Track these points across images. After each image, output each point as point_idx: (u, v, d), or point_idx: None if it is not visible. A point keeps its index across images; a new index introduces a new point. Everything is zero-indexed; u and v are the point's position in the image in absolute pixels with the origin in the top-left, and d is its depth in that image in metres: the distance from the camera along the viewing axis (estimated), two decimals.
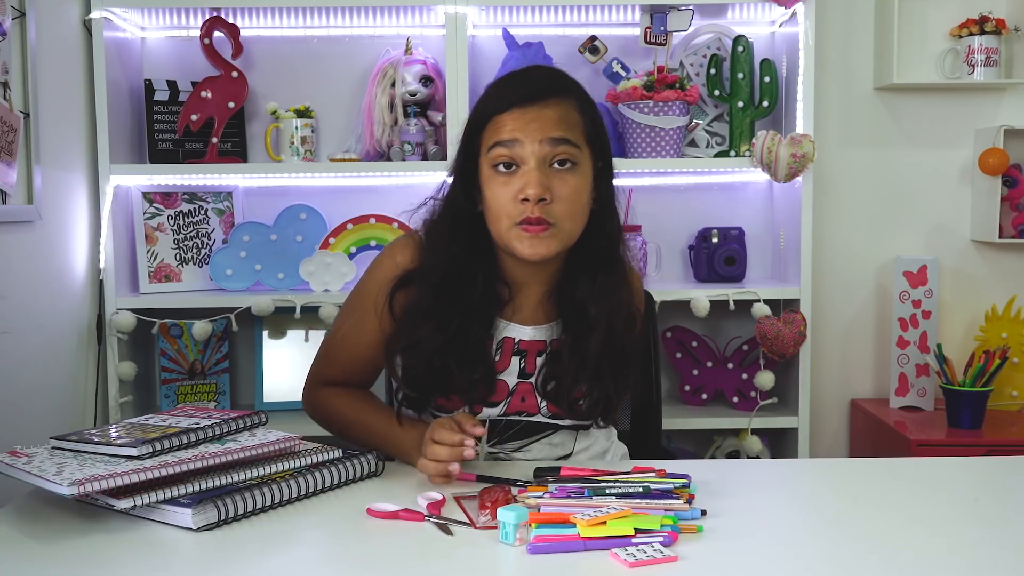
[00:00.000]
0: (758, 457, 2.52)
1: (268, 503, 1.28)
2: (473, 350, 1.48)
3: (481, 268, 1.49)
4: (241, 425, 1.38)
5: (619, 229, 1.53)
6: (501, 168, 1.42)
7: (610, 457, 1.64)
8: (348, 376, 1.61)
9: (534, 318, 1.54)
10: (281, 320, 2.61)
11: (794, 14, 2.51)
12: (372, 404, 1.59)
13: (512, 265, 1.50)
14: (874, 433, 2.60)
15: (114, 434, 1.33)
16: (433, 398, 1.52)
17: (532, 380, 1.53)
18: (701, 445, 2.73)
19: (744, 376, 2.64)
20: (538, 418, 1.54)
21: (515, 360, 1.53)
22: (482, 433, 1.41)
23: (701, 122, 2.65)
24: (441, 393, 1.51)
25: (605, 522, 1.14)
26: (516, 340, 1.53)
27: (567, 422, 1.55)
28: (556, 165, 1.42)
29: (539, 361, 1.53)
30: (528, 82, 1.47)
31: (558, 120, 1.42)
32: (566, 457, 1.56)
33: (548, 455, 1.56)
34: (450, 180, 1.53)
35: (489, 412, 1.53)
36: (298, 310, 2.45)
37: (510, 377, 1.53)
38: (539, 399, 1.53)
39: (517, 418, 1.54)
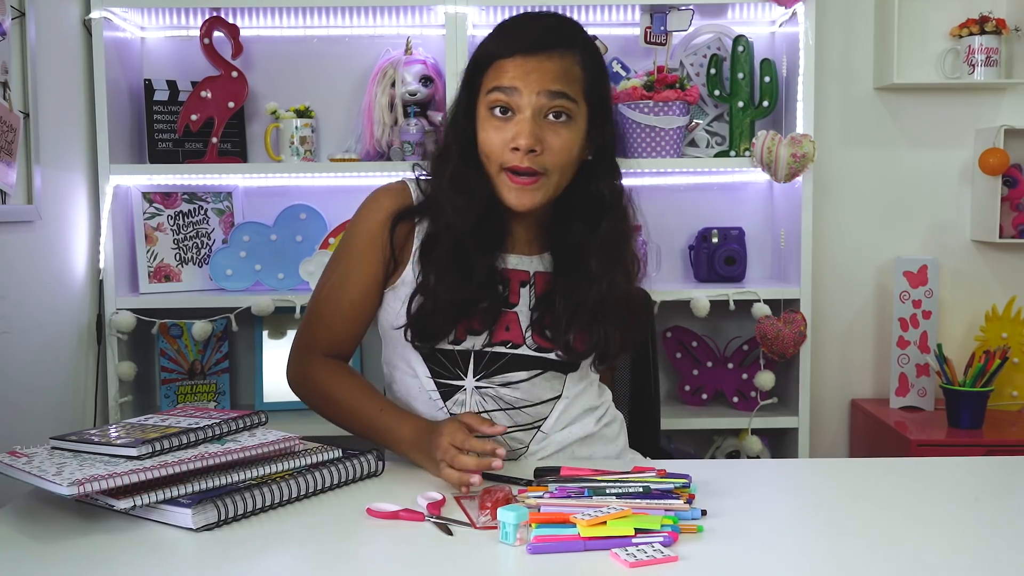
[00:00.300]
0: (758, 457, 2.52)
1: (268, 503, 1.28)
2: (491, 282, 1.50)
3: (491, 204, 1.49)
4: (241, 425, 1.38)
5: (619, 182, 1.55)
6: (497, 112, 1.45)
7: (603, 414, 1.63)
8: (335, 336, 1.58)
9: (520, 249, 1.55)
10: (281, 320, 2.61)
11: (794, 14, 2.51)
12: (362, 389, 1.55)
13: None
14: (874, 433, 2.60)
15: (114, 434, 1.33)
16: (452, 328, 1.50)
17: (516, 310, 1.53)
18: (701, 445, 2.73)
19: (744, 376, 2.64)
20: (523, 350, 1.52)
21: (499, 288, 1.52)
22: (502, 431, 1.41)
23: (701, 122, 2.65)
24: (462, 320, 1.49)
25: (605, 522, 1.14)
26: (500, 268, 1.53)
27: (553, 355, 1.53)
28: (551, 117, 1.44)
29: (523, 292, 1.54)
30: (535, 30, 1.48)
31: (558, 73, 1.43)
32: (556, 398, 1.56)
33: (537, 396, 1.54)
34: (455, 121, 1.52)
35: (474, 340, 1.51)
36: (298, 310, 2.45)
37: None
38: (523, 330, 1.52)
39: (502, 349, 1.52)
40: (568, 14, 2.53)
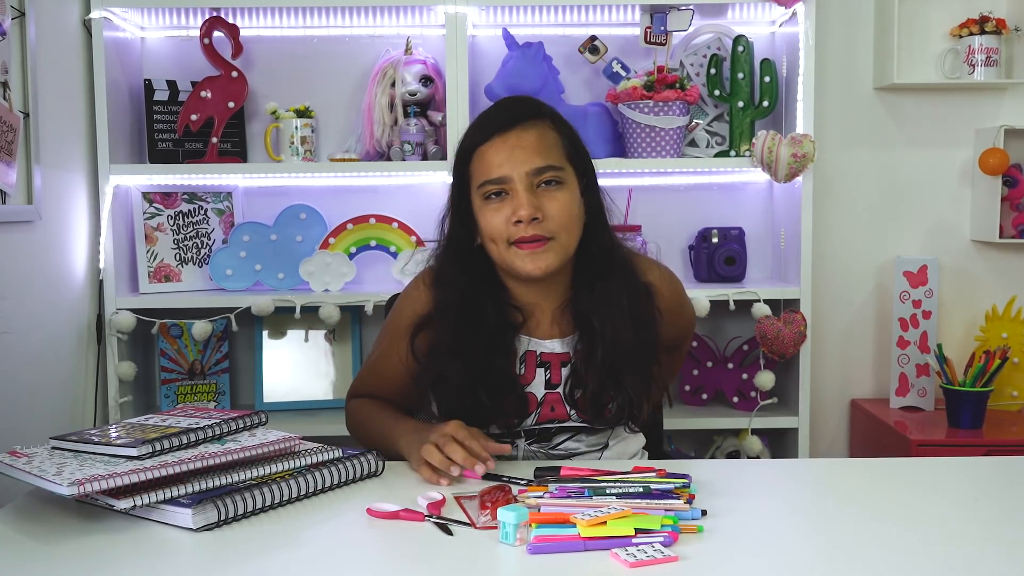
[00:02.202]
0: (758, 457, 2.52)
1: (268, 503, 1.28)
2: (499, 378, 1.53)
3: (491, 296, 1.55)
4: (241, 425, 1.38)
5: (611, 237, 1.58)
6: (492, 198, 1.50)
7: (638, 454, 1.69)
8: (384, 395, 1.66)
9: (552, 332, 1.58)
10: (281, 320, 2.61)
11: (794, 14, 2.51)
12: (391, 409, 1.63)
13: (520, 287, 1.56)
14: (874, 433, 2.60)
15: (114, 434, 1.33)
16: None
17: (559, 390, 1.57)
18: (701, 445, 2.73)
19: (744, 376, 2.64)
20: (568, 424, 1.58)
21: (539, 372, 1.57)
22: (507, 450, 1.46)
23: (701, 122, 2.65)
24: (477, 421, 1.51)
25: (605, 522, 1.14)
26: (538, 352, 1.58)
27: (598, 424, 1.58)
28: (543, 185, 1.49)
29: (564, 372, 1.57)
30: (504, 110, 1.55)
31: (538, 146, 1.48)
32: (603, 447, 1.61)
33: (584, 448, 1.60)
34: (448, 218, 1.58)
35: (521, 423, 1.58)
36: (298, 310, 2.45)
37: (537, 389, 1.57)
38: (568, 408, 1.57)
39: (549, 425, 1.58)
40: (568, 14, 2.57)
